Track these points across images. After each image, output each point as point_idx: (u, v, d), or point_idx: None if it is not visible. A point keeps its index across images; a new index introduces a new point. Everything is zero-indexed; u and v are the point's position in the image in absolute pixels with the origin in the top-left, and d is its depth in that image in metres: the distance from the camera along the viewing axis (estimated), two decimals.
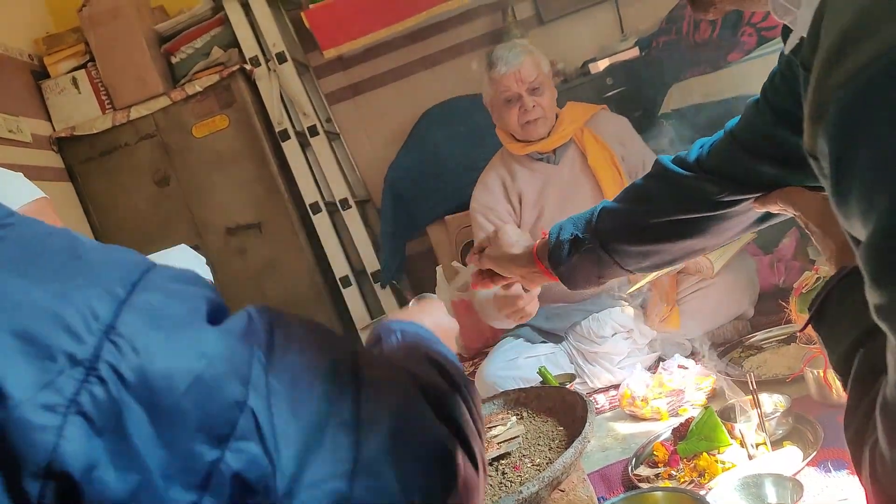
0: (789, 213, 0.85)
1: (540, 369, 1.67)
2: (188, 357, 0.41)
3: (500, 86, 1.93)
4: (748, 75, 2.04)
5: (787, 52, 0.70)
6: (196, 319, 0.44)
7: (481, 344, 2.59)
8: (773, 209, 0.87)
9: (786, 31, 0.71)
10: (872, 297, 0.46)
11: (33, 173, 2.80)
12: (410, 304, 0.93)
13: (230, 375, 0.42)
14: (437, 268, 2.79)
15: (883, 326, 0.47)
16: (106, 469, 0.38)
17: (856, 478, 1.07)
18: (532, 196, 2.01)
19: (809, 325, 0.71)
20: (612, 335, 1.83)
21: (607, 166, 1.98)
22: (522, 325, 1.97)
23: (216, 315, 0.46)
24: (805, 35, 0.57)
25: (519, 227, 2.03)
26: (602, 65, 3.05)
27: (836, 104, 0.46)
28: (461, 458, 0.51)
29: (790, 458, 1.17)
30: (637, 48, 3.02)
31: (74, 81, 3.04)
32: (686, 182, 0.91)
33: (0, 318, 0.38)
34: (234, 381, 0.42)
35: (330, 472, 0.44)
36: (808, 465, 1.15)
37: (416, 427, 0.50)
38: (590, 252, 1.01)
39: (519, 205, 2.02)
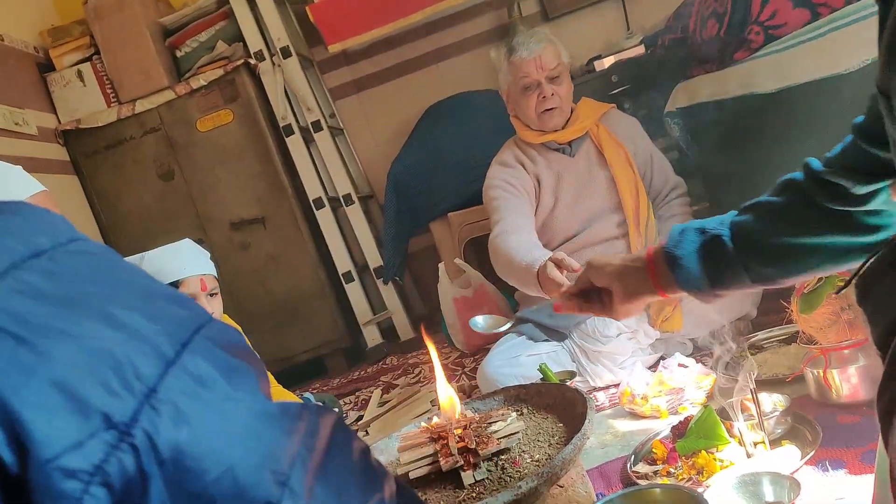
0: None
1: (541, 366, 1.68)
2: (225, 442, 0.37)
3: (520, 71, 1.92)
4: (755, 74, 2.02)
5: None
6: (241, 400, 0.40)
7: (483, 341, 2.59)
8: None
9: None
10: None
11: (38, 166, 2.81)
12: None
13: (265, 472, 0.38)
14: (440, 265, 2.79)
15: None
16: None
17: (854, 476, 1.08)
18: (550, 182, 2.00)
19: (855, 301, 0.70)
20: (617, 335, 1.83)
21: (622, 162, 1.99)
22: (526, 322, 1.98)
23: (264, 396, 0.42)
24: None
25: (536, 209, 2.02)
26: (607, 62, 3.04)
27: None
28: None
29: (788, 457, 1.17)
30: (643, 46, 3.01)
31: (80, 74, 3.04)
32: (824, 175, 0.86)
33: (42, 365, 0.35)
34: (268, 479, 0.38)
35: None
36: (805, 463, 1.15)
37: None
38: (716, 244, 0.90)
39: (538, 185, 2.01)
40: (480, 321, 1.32)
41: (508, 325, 1.30)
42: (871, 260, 0.69)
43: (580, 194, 1.99)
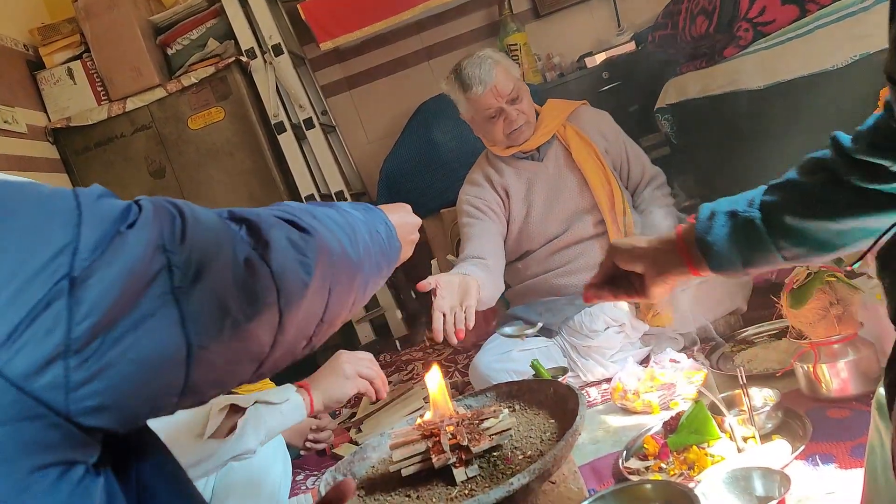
0: None
1: (533, 362, 1.68)
2: None
3: (481, 105, 1.91)
4: (744, 70, 2.04)
5: None
6: None
7: (476, 337, 2.60)
8: None
9: None
10: None
11: (28, 164, 2.79)
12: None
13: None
14: (433, 261, 2.80)
15: None
16: None
17: (844, 471, 1.09)
18: (520, 192, 2.02)
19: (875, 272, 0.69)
20: (605, 329, 1.83)
21: (591, 159, 2.00)
22: (516, 320, 1.98)
23: None
24: None
25: (508, 221, 2.04)
26: (598, 59, 3.05)
27: None
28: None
29: (779, 452, 1.18)
30: (633, 42, 3.02)
31: (70, 72, 3.02)
32: (858, 154, 0.83)
33: None
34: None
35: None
36: (796, 458, 1.16)
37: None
38: (747, 224, 0.89)
39: (507, 198, 2.03)
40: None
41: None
42: (892, 231, 0.68)
43: (553, 198, 2.00)
